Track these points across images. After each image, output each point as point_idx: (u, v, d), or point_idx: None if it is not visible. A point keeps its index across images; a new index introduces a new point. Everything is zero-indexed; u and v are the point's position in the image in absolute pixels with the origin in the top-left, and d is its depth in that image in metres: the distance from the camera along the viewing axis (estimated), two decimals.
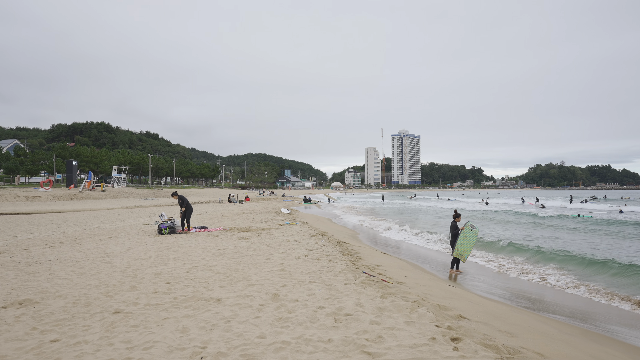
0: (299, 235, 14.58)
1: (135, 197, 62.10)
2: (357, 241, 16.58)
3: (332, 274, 8.13)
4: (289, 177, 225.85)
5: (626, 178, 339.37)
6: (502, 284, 10.20)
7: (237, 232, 15.92)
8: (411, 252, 15.36)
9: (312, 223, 22.72)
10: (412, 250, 15.97)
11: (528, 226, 24.93)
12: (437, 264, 12.75)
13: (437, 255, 14.59)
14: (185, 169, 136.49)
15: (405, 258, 13.53)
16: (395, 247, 16.45)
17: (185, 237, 14.35)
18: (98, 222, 22.48)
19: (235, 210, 32.16)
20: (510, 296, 8.95)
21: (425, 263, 12.73)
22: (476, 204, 62.45)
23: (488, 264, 13.00)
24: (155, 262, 9.40)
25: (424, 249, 16.34)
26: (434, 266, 12.28)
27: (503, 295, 9.01)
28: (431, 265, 12.47)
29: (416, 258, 13.72)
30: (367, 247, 14.78)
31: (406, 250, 15.66)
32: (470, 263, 12.95)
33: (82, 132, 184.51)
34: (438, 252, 15.38)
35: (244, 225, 19.07)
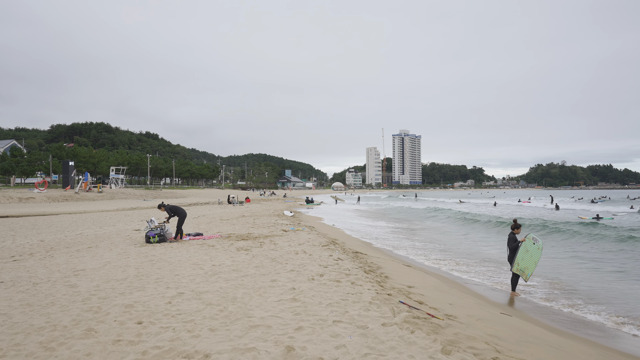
0: (308, 245, 12.57)
1: (133, 199, 60.14)
2: (373, 250, 14.58)
3: (361, 306, 6.09)
4: (290, 177, 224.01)
5: (628, 178, 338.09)
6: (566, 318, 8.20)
7: (236, 240, 13.92)
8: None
9: (320, 228, 20.70)
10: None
11: (563, 235, 22.61)
12: (473, 275, 10.76)
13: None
14: (185, 170, 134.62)
15: (432, 270, 11.56)
16: (415, 255, 14.47)
17: (175, 248, 12.36)
18: (85, 226, 20.50)
19: (235, 212, 30.16)
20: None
21: (459, 277, 10.73)
22: (483, 205, 60.48)
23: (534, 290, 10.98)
24: (131, 286, 7.39)
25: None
26: (466, 279, 10.28)
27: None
28: (467, 278, 10.48)
29: (446, 272, 11.71)
30: (386, 257, 12.75)
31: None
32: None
33: (82, 132, 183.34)
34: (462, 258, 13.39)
35: (244, 231, 17.07)
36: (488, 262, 13.70)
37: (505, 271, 11.79)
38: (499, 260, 13.92)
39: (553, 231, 22.73)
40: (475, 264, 13.29)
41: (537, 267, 10.17)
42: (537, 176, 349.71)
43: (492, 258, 14.64)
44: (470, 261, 13.93)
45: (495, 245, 18.27)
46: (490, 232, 23.91)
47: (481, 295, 8.72)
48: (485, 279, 10.98)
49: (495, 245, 18.27)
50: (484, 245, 18.30)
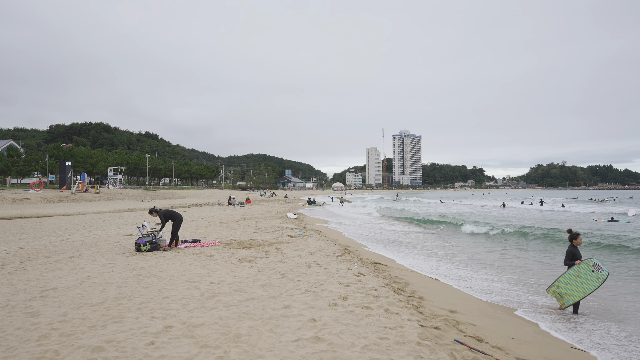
0: (320, 255, 10.98)
1: (131, 199, 58.63)
2: (392, 260, 13.03)
3: (409, 350, 4.50)
4: (290, 177, 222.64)
5: (628, 178, 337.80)
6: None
7: (237, 248, 12.36)
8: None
9: (328, 233, 19.14)
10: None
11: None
12: (511, 292, 9.17)
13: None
14: (185, 170, 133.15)
15: (468, 284, 10.00)
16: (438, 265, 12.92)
17: (169, 258, 10.80)
18: (74, 230, 18.94)
19: (236, 214, 28.61)
20: None
21: (495, 294, 9.14)
22: (492, 207, 58.91)
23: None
24: (107, 315, 5.84)
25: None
26: (511, 299, 8.71)
27: None
28: (505, 296, 8.89)
29: (481, 289, 10.11)
30: (411, 271, 11.18)
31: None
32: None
33: (81, 132, 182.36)
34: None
35: (246, 236, 15.51)
36: (522, 272, 12.14)
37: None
38: (541, 272, 12.36)
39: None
40: (506, 275, 11.75)
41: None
42: (538, 176, 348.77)
43: (527, 267, 13.08)
44: (499, 272, 12.39)
45: (527, 256, 16.71)
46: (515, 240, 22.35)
47: (535, 324, 7.15)
48: (527, 295, 9.42)
49: (527, 256, 16.71)
50: (513, 257, 16.73)
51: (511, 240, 20.31)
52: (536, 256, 15.66)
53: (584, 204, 63.15)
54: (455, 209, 51.67)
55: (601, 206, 54.27)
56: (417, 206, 58.24)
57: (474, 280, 10.70)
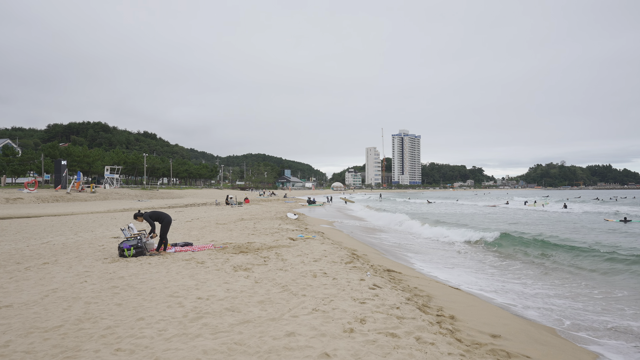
0: (326, 262, 9.64)
1: (127, 199, 57.33)
2: (405, 266, 11.74)
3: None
4: (289, 177, 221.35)
5: (627, 178, 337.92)
6: None
7: (233, 253, 11.04)
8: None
9: (331, 235, 17.82)
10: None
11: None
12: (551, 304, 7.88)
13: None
14: (183, 169, 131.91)
15: (491, 293, 8.74)
16: (453, 271, 11.64)
17: (154, 265, 9.50)
18: (59, 232, 17.62)
19: (233, 215, 27.30)
20: None
21: (529, 307, 7.86)
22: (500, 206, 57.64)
23: None
24: (59, 346, 4.51)
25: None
26: (552, 314, 7.42)
27: None
28: (543, 311, 7.60)
29: (509, 299, 8.83)
30: (429, 279, 9.88)
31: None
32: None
33: (79, 132, 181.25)
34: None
35: (243, 239, 14.20)
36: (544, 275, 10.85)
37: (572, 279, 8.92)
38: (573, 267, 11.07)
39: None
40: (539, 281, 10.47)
41: None
42: (537, 176, 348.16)
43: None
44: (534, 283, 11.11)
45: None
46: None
47: (597, 354, 5.86)
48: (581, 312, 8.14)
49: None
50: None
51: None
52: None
53: (592, 204, 61.85)
54: (461, 209, 50.31)
55: (609, 206, 53.06)
56: (398, 207, 56.71)
57: (495, 288, 9.40)
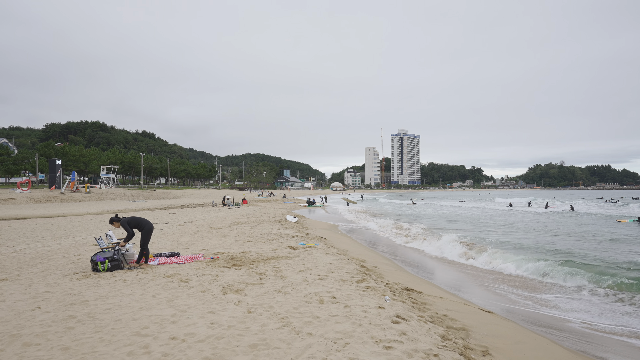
0: (334, 281, 8.05)
1: (122, 199, 55.82)
2: (424, 281, 10.27)
3: None
4: (288, 177, 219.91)
5: (626, 178, 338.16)
6: None
7: (224, 266, 9.51)
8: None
9: (335, 241, 16.35)
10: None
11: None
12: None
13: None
14: (181, 169, 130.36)
15: (550, 329, 7.28)
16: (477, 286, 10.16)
17: (130, 283, 7.98)
18: (38, 238, 16.07)
19: (229, 217, 25.78)
20: None
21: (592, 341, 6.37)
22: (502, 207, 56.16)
23: None
24: None
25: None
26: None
27: None
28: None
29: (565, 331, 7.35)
30: (456, 301, 8.39)
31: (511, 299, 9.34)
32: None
33: (76, 131, 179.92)
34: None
35: (237, 248, 12.69)
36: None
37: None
38: None
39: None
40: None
41: None
42: (536, 176, 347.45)
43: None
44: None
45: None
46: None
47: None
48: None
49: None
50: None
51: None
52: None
53: (600, 203, 60.36)
54: (477, 212, 48.80)
55: (620, 207, 51.66)
56: (380, 208, 55.10)
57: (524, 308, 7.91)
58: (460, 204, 66.64)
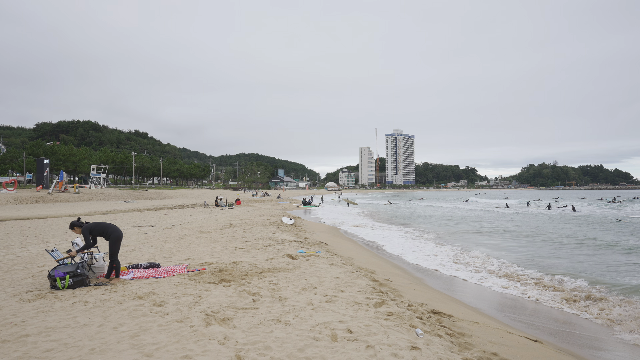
0: (345, 303, 6.40)
1: (112, 200, 54.04)
2: (446, 296, 8.73)
3: None
4: (283, 177, 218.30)
5: (618, 178, 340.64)
6: None
7: (210, 282, 7.87)
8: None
9: (336, 245, 14.80)
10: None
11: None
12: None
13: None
14: (174, 169, 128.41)
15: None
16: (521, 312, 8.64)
17: (91, 306, 6.33)
18: (6, 244, 14.34)
19: (221, 219, 24.14)
20: None
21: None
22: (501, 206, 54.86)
23: None
24: None
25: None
26: None
27: None
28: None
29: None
30: (496, 327, 6.86)
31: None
32: None
33: (68, 130, 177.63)
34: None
35: (227, 256, 11.06)
36: None
37: None
38: None
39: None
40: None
41: None
42: (529, 176, 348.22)
43: None
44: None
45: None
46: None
47: None
48: None
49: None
50: None
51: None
52: None
53: (598, 204, 59.24)
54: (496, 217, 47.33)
55: (616, 207, 50.54)
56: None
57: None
58: (465, 205, 65.20)
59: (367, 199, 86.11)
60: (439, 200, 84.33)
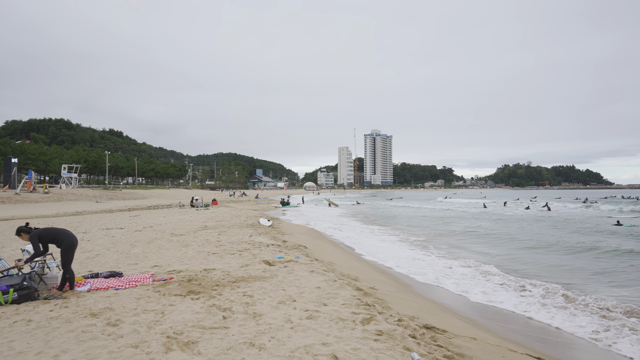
0: (329, 320, 5.63)
1: (84, 200, 52.06)
2: (436, 305, 8.08)
3: None
4: (261, 177, 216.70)
5: (589, 178, 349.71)
6: None
7: (177, 294, 7.01)
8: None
9: (316, 249, 14.05)
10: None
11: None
12: None
13: None
14: (149, 168, 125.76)
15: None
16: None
17: (34, 327, 5.35)
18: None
19: (196, 221, 23.12)
20: None
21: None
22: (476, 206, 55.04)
23: None
24: None
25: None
26: None
27: None
28: None
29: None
30: (491, 336, 6.20)
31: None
32: None
33: (39, 129, 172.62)
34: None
35: (198, 262, 10.18)
36: None
37: None
38: None
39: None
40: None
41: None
42: (505, 176, 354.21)
43: None
44: None
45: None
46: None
47: None
48: None
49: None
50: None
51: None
52: None
53: (575, 204, 59.99)
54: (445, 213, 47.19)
55: (593, 208, 51.18)
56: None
57: None
58: (443, 205, 65.28)
59: (341, 199, 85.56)
60: (419, 201, 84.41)
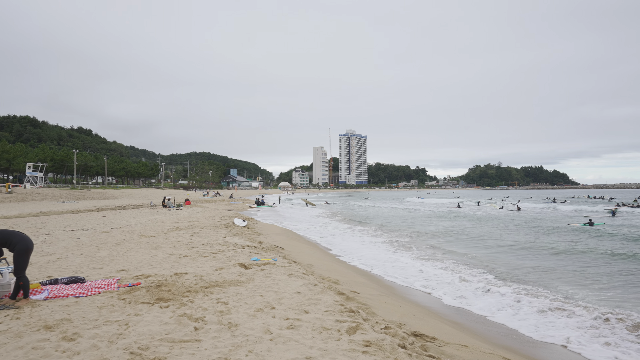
0: (312, 330, 5.12)
1: (50, 200, 50.17)
2: (422, 309, 7.72)
3: None
4: (235, 176, 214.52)
5: (556, 178, 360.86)
6: None
7: (144, 301, 6.41)
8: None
9: (293, 250, 13.55)
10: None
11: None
12: None
13: None
14: (120, 167, 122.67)
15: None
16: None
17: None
18: None
19: (168, 221, 22.30)
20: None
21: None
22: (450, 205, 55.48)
23: None
24: None
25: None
26: None
27: None
28: None
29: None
30: (482, 343, 5.86)
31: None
32: None
33: (3, 126, 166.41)
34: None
35: (169, 266, 9.53)
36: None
37: None
38: None
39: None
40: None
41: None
42: (476, 177, 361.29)
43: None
44: None
45: None
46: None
47: None
48: None
49: None
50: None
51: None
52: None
53: (542, 203, 61.19)
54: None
55: (564, 206, 52.25)
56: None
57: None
58: (418, 205, 65.57)
59: (315, 199, 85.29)
60: (394, 201, 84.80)
